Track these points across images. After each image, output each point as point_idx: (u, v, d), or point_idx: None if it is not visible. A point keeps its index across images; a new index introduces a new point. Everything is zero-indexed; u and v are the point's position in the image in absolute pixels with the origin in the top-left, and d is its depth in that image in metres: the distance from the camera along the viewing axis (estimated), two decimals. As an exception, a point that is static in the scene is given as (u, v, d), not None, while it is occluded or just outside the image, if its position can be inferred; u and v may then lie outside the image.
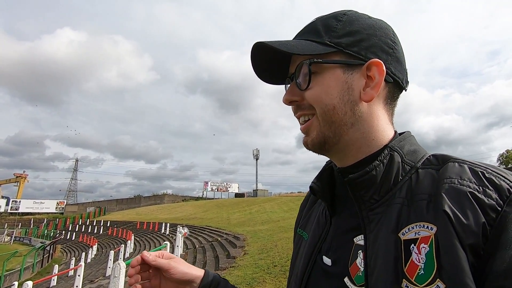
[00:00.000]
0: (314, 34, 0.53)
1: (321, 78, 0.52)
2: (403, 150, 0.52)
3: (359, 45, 0.51)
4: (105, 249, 21.90)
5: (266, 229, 13.40)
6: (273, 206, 25.76)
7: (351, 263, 0.50)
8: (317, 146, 0.54)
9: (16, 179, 66.18)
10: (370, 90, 0.51)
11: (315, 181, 0.61)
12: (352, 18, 0.53)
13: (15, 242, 36.18)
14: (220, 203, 38.16)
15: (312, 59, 0.51)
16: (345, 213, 0.56)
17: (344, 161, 0.56)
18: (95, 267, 15.21)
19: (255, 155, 68.40)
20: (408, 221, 0.45)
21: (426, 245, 0.42)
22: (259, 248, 8.80)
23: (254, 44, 0.53)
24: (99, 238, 28.11)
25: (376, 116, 0.53)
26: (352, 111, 0.51)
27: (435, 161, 0.50)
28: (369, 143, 0.53)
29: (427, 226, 0.42)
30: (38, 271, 19.16)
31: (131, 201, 61.57)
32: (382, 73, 0.51)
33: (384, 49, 0.53)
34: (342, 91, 0.51)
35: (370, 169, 0.49)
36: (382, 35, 0.53)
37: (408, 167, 0.51)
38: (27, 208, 58.36)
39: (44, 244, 22.91)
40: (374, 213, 0.49)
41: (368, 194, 0.50)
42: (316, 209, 0.67)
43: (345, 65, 0.51)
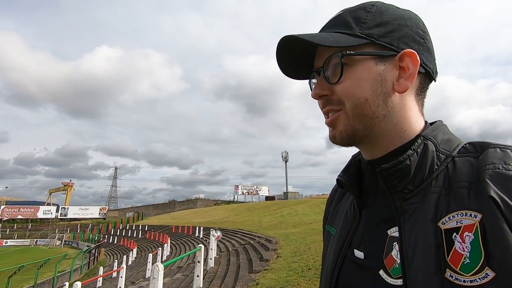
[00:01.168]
0: (344, 26, 0.52)
1: (352, 71, 0.50)
2: (436, 139, 0.51)
3: (390, 35, 0.50)
4: (144, 252, 22.95)
5: (298, 231, 13.23)
6: (305, 209, 25.37)
7: (386, 256, 0.49)
8: (346, 139, 0.53)
9: (64, 188, 71.88)
10: (404, 81, 0.50)
11: (341, 174, 0.60)
12: (382, 8, 0.52)
13: (65, 246, 39.21)
14: (251, 207, 38.37)
15: (344, 51, 0.50)
16: (377, 205, 0.55)
17: (374, 152, 0.54)
18: (136, 269, 15.99)
19: (284, 158, 67.99)
20: (447, 210, 0.43)
21: (470, 233, 0.40)
22: (292, 251, 8.70)
23: (282, 37, 0.51)
24: (138, 241, 29.55)
25: (408, 107, 0.52)
26: (384, 103, 0.50)
27: (473, 148, 0.48)
28: (401, 135, 0.52)
29: (470, 214, 0.41)
30: (85, 273, 20.56)
31: (166, 206, 64.04)
32: (416, 64, 0.50)
33: (416, 39, 0.51)
34: (375, 83, 0.50)
35: (403, 158, 0.48)
36: (413, 25, 0.52)
37: (443, 156, 0.49)
38: (74, 214, 63.10)
39: (90, 248, 24.58)
40: (409, 203, 0.48)
41: (401, 184, 0.48)
42: (343, 204, 0.66)
43: (377, 57, 0.50)
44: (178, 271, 11.00)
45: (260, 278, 6.37)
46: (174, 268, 12.09)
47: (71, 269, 18.38)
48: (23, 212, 60.30)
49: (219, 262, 9.98)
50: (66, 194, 70.92)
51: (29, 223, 57.76)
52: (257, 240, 12.94)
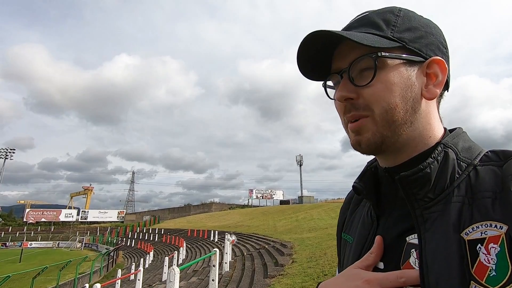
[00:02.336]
0: (374, 27, 0.50)
1: (383, 74, 0.48)
2: (457, 146, 0.50)
3: (419, 41, 0.50)
4: (160, 255, 23.30)
5: (313, 236, 13.04)
6: (320, 213, 25.00)
7: (404, 262, 0.48)
8: (373, 146, 0.51)
9: (84, 192, 74.29)
10: (433, 88, 0.51)
11: (357, 181, 0.60)
12: (409, 14, 0.52)
13: (85, 248, 40.39)
14: (266, 211, 38.21)
15: (379, 53, 0.47)
16: (395, 213, 0.54)
17: (395, 160, 0.53)
18: (152, 272, 16.25)
19: (298, 161, 67.48)
20: (471, 220, 0.42)
21: (496, 245, 0.39)
22: (307, 256, 8.58)
23: (310, 33, 0.49)
24: (155, 245, 30.03)
25: (432, 114, 0.53)
26: (413, 109, 0.50)
27: (495, 157, 0.48)
28: (426, 141, 0.51)
29: (496, 225, 0.40)
30: (104, 275, 21.08)
31: (182, 209, 64.88)
32: (445, 71, 0.51)
33: (440, 48, 0.52)
34: (405, 88, 0.49)
35: (424, 166, 0.47)
36: (438, 34, 0.53)
37: (464, 164, 0.48)
38: (94, 218, 64.99)
39: (109, 251, 25.20)
40: (430, 211, 0.47)
41: (422, 192, 0.47)
42: (359, 211, 0.65)
43: (407, 62, 0.49)
44: (194, 275, 11.08)
45: (275, 284, 6.31)
46: (189, 271, 12.19)
47: (91, 271, 18.89)
48: (47, 215, 62.73)
49: (234, 266, 9.98)
50: (86, 198, 73.26)
51: (52, 226, 59.98)
52: (272, 244, 12.85)
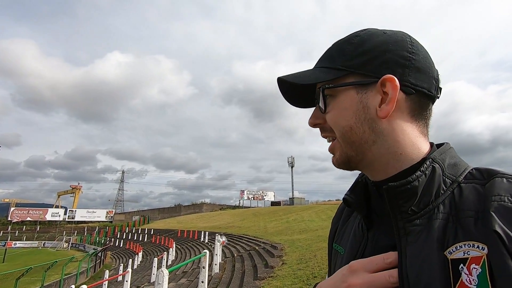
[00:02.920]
0: (329, 61, 0.56)
1: (336, 101, 0.54)
2: (444, 163, 0.50)
3: (371, 63, 0.51)
4: (149, 256, 22.99)
5: (304, 238, 13.10)
6: (311, 215, 25.14)
7: None
8: (342, 165, 0.56)
9: (72, 190, 72.87)
10: (385, 106, 0.50)
11: (348, 193, 0.60)
12: (364, 38, 0.54)
13: (72, 248, 39.54)
14: (257, 212, 38.19)
15: (324, 86, 0.54)
16: (383, 227, 0.54)
17: (375, 175, 0.55)
18: (141, 273, 16.02)
19: (290, 163, 67.73)
20: (455, 239, 0.43)
21: (477, 266, 0.40)
22: (297, 258, 8.60)
23: (277, 78, 0.57)
24: (144, 245, 29.64)
25: (401, 130, 0.52)
26: (370, 129, 0.52)
27: (479, 175, 0.48)
28: (397, 158, 0.52)
29: (478, 246, 0.40)
30: (91, 276, 20.67)
31: (172, 210, 64.27)
32: (395, 88, 0.50)
33: (399, 62, 0.51)
34: (358, 111, 0.52)
35: (412, 179, 0.47)
36: (396, 49, 0.52)
37: (449, 180, 0.49)
38: (82, 217, 63.81)
39: (96, 251, 24.74)
40: (413, 224, 0.47)
41: (407, 205, 0.48)
42: (351, 222, 0.65)
43: (358, 86, 0.52)
44: (183, 276, 10.97)
45: (265, 285, 6.30)
46: (179, 273, 12.07)
47: (78, 272, 18.51)
48: (32, 214, 61.25)
49: (224, 268, 9.93)
50: (74, 197, 71.88)
51: (37, 225, 58.58)
52: (262, 246, 12.85)
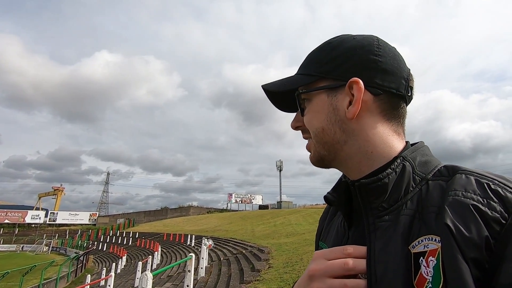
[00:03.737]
0: (304, 68, 0.61)
1: (310, 105, 0.58)
2: (415, 161, 0.52)
3: (339, 68, 0.55)
4: (134, 260, 22.50)
5: (291, 242, 13.13)
6: (298, 218, 25.26)
7: None
8: (316, 163, 0.60)
9: (54, 192, 70.50)
10: (352, 108, 0.53)
11: (331, 192, 0.62)
12: (334, 44, 0.58)
13: (52, 252, 38.26)
14: (245, 215, 38.04)
15: (299, 90, 0.59)
16: (362, 224, 0.56)
17: (350, 174, 0.58)
18: (125, 278, 15.64)
19: (278, 167, 68.00)
20: (418, 234, 0.45)
21: (433, 258, 0.42)
22: (284, 262, 8.61)
23: (261, 86, 0.63)
24: (128, 249, 28.99)
25: (371, 130, 0.54)
26: (341, 129, 0.55)
27: (446, 172, 0.50)
28: (368, 156, 0.54)
29: (435, 239, 0.43)
30: (72, 281, 20.00)
31: (158, 213, 63.17)
32: (360, 90, 0.52)
33: (366, 65, 0.54)
34: (329, 113, 0.56)
35: (383, 176, 0.50)
36: (362, 53, 0.55)
37: (418, 178, 0.51)
38: (64, 220, 61.78)
39: (78, 255, 24.00)
40: (382, 220, 0.50)
41: (377, 201, 0.51)
42: (336, 221, 0.68)
43: (329, 89, 0.56)
44: (168, 280, 10.78)
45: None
46: (164, 277, 11.86)
47: (58, 276, 17.88)
48: (11, 217, 58.87)
49: (210, 271, 9.83)
50: (56, 199, 69.61)
51: (16, 228, 56.31)
52: (249, 249, 12.80)
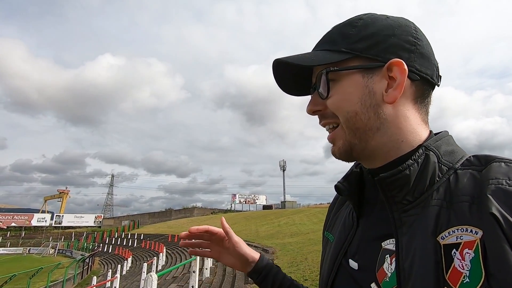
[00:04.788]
0: (330, 43, 0.53)
1: (340, 86, 0.52)
2: (439, 150, 0.49)
3: (376, 47, 0.50)
4: (139, 262, 22.57)
5: (295, 241, 13.10)
6: (302, 218, 25.20)
7: (378, 268, 0.48)
8: (344, 154, 0.54)
9: (59, 195, 71.00)
10: (393, 91, 0.49)
11: (341, 181, 0.60)
12: (368, 21, 0.52)
13: (58, 255, 38.48)
14: (248, 216, 38.04)
15: (328, 68, 0.51)
16: (374, 216, 0.54)
17: (374, 164, 0.54)
18: (130, 279, 15.70)
19: (281, 166, 67.93)
20: (448, 224, 0.42)
21: (470, 251, 0.39)
22: (288, 262, 8.59)
23: (273, 61, 0.54)
24: (133, 250, 29.10)
25: (404, 117, 0.51)
26: (376, 115, 0.50)
27: (477, 161, 0.47)
28: (398, 146, 0.51)
29: (471, 230, 0.40)
30: (78, 282, 20.12)
31: (163, 214, 63.40)
32: (403, 72, 0.48)
33: (405, 47, 0.50)
34: (363, 96, 0.50)
35: (403, 168, 0.47)
36: (401, 34, 0.51)
37: (445, 168, 0.48)
38: (69, 222, 62.17)
39: (84, 257, 24.14)
40: (408, 215, 0.47)
41: (400, 194, 0.47)
42: (343, 211, 0.66)
43: (363, 69, 0.50)
44: (173, 281, 10.80)
45: (256, 289, 6.26)
46: (169, 278, 11.88)
47: (64, 278, 17.98)
48: (17, 220, 59.41)
49: (215, 272, 9.83)
50: (61, 202, 70.09)
51: (22, 231, 56.81)
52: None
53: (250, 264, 0.77)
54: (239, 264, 0.77)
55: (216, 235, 0.77)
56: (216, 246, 0.79)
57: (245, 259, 0.76)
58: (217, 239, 0.78)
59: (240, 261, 0.77)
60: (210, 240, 0.79)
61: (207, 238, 0.79)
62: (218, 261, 0.80)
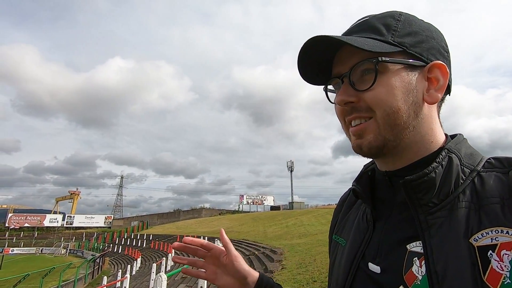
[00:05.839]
0: (374, 32, 0.50)
1: (385, 78, 0.49)
2: (460, 152, 0.50)
3: (420, 46, 0.50)
4: (148, 262, 22.80)
5: (303, 242, 13.03)
6: (310, 219, 25.05)
7: (406, 271, 0.47)
8: (375, 149, 0.51)
9: (70, 196, 72.38)
10: (435, 92, 0.51)
11: (355, 183, 0.59)
12: (409, 18, 0.52)
13: (69, 255, 39.20)
14: (256, 216, 38.03)
15: (380, 58, 0.48)
16: (394, 217, 0.53)
17: (395, 164, 0.53)
18: (140, 279, 15.87)
19: (289, 167, 67.69)
20: (479, 226, 0.42)
21: (509, 252, 0.39)
22: (297, 263, 8.55)
23: (311, 37, 0.49)
24: (143, 251, 29.41)
25: (434, 119, 0.53)
26: (415, 113, 0.50)
27: (499, 164, 0.48)
28: (427, 146, 0.51)
29: (507, 232, 0.40)
30: (89, 282, 20.45)
31: (171, 215, 63.91)
32: (446, 76, 0.50)
33: (442, 52, 0.52)
34: (407, 92, 0.49)
35: (429, 171, 0.46)
36: (439, 38, 0.53)
37: (467, 170, 0.48)
38: (80, 223, 63.30)
39: (95, 257, 24.52)
40: (434, 217, 0.46)
41: (426, 197, 0.47)
42: (353, 214, 0.65)
43: (408, 66, 0.49)
44: (182, 282, 10.88)
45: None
46: (178, 278, 11.97)
47: (75, 278, 18.31)
48: (30, 220, 60.79)
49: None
50: (72, 203, 71.43)
51: (35, 231, 58.09)
52: (262, 250, 12.77)
53: (249, 285, 0.70)
54: (238, 285, 0.70)
55: (212, 251, 0.71)
56: (211, 266, 0.71)
57: (244, 277, 0.69)
58: (213, 257, 0.71)
59: (238, 279, 0.69)
60: (204, 258, 0.72)
61: (201, 254, 0.72)
62: (213, 283, 0.71)
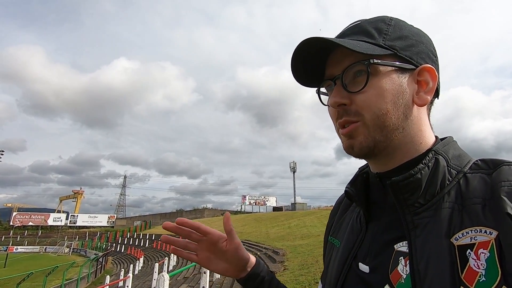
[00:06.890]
0: (366, 35, 0.51)
1: (376, 80, 0.50)
2: (448, 154, 0.51)
3: (410, 50, 0.52)
4: (151, 262, 22.87)
5: (306, 243, 13.00)
6: (313, 220, 24.97)
7: (392, 271, 0.48)
8: (366, 149, 0.52)
9: (74, 195, 72.86)
10: (424, 95, 0.52)
11: (349, 186, 0.61)
12: (400, 23, 0.54)
13: (73, 254, 39.45)
14: (259, 217, 38.00)
15: (372, 60, 0.49)
16: (384, 219, 0.54)
17: (386, 165, 0.54)
18: (142, 279, 15.93)
19: (292, 168, 67.55)
20: (461, 226, 0.43)
21: (485, 251, 0.40)
22: (299, 264, 8.53)
23: (305, 39, 0.50)
24: (145, 250, 29.50)
25: (423, 120, 0.54)
26: (404, 115, 0.51)
27: (485, 165, 0.49)
28: (417, 147, 0.53)
29: (485, 231, 0.41)
30: (92, 281, 20.55)
31: (174, 215, 64.09)
32: (435, 79, 0.52)
33: (431, 56, 0.54)
34: (397, 95, 0.50)
35: (415, 172, 0.48)
36: (428, 43, 0.54)
37: (454, 171, 0.49)
38: (83, 222, 63.74)
39: (97, 256, 24.66)
40: (420, 217, 0.47)
41: (412, 198, 0.48)
42: (348, 216, 0.66)
43: (399, 69, 0.51)
44: (184, 282, 10.90)
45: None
46: (180, 278, 11.99)
47: (79, 277, 18.40)
48: (34, 219, 61.29)
49: (226, 273, 9.85)
50: (76, 202, 71.88)
51: (39, 230, 58.52)
52: (264, 251, 12.76)
53: (245, 269, 0.69)
54: (232, 270, 0.68)
55: (209, 236, 0.66)
56: (204, 252, 0.67)
57: (244, 264, 0.68)
58: (209, 242, 0.66)
59: (235, 266, 0.67)
60: (198, 242, 0.67)
61: (196, 238, 0.66)
62: (205, 268, 0.67)
